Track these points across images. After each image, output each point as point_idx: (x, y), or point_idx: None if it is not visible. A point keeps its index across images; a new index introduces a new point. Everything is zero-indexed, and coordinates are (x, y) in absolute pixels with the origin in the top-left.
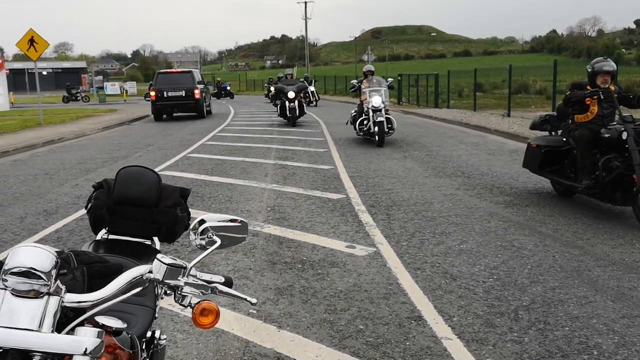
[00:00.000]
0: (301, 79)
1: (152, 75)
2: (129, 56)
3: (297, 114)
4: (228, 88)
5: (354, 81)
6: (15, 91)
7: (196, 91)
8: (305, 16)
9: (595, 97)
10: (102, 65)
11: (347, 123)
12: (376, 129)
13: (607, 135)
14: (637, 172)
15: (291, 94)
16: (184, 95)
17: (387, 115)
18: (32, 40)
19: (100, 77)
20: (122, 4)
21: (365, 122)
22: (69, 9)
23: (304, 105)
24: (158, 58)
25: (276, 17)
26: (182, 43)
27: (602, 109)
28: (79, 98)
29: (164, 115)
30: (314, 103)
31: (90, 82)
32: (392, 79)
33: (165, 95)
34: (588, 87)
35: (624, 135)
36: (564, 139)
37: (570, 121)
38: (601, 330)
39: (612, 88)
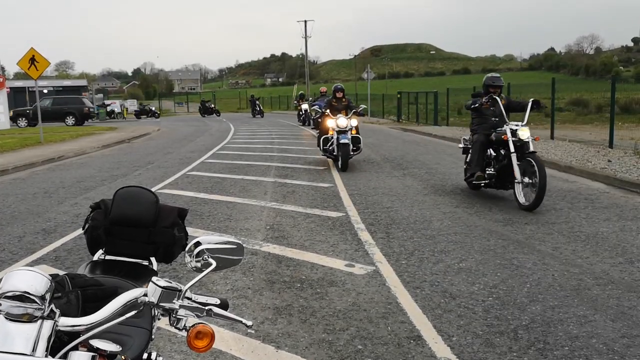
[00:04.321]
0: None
1: (153, 93)
2: (130, 74)
3: None
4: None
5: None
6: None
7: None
8: (305, 34)
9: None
10: (103, 83)
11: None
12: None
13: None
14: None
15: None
16: None
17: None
18: (33, 59)
19: (100, 95)
20: (124, 23)
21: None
22: (71, 27)
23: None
24: (159, 76)
25: (276, 35)
26: (183, 61)
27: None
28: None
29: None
30: None
31: (91, 100)
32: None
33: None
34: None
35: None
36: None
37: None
38: (601, 350)
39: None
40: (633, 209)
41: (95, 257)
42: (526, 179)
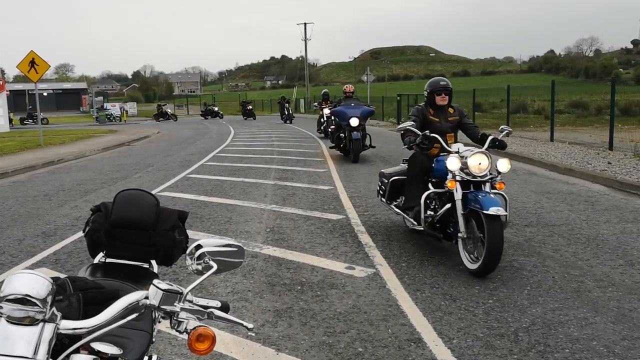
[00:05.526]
0: None
1: (153, 96)
2: (130, 77)
3: None
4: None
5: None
6: (16, 112)
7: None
8: (305, 37)
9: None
10: (103, 86)
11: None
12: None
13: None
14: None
15: None
16: None
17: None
18: (32, 62)
19: (100, 98)
20: (124, 25)
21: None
22: (71, 30)
23: None
24: (158, 79)
25: (276, 38)
26: (182, 64)
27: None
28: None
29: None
30: None
31: (91, 103)
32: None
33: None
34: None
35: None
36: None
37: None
38: (602, 353)
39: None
40: (633, 211)
41: (96, 260)
42: None
